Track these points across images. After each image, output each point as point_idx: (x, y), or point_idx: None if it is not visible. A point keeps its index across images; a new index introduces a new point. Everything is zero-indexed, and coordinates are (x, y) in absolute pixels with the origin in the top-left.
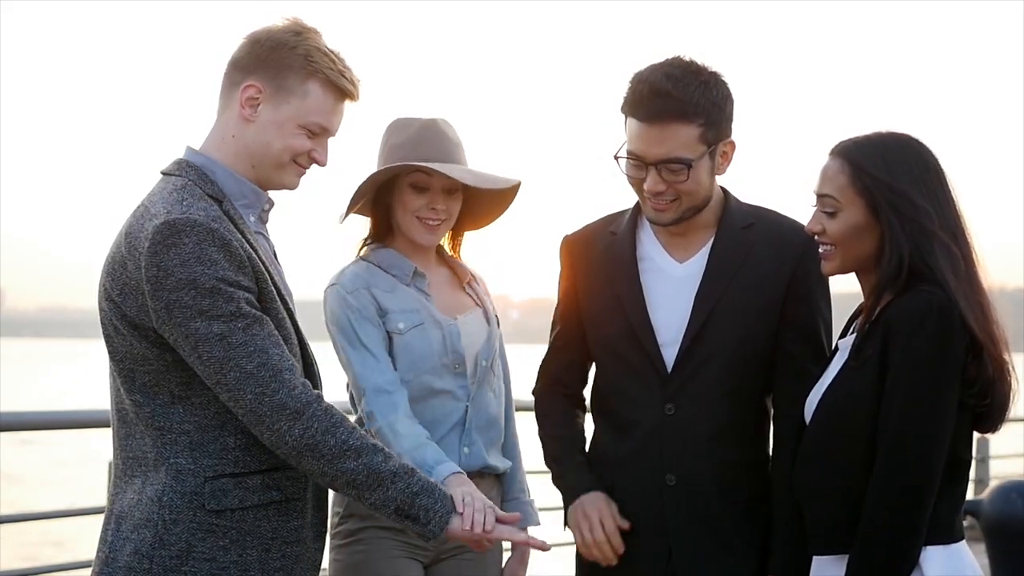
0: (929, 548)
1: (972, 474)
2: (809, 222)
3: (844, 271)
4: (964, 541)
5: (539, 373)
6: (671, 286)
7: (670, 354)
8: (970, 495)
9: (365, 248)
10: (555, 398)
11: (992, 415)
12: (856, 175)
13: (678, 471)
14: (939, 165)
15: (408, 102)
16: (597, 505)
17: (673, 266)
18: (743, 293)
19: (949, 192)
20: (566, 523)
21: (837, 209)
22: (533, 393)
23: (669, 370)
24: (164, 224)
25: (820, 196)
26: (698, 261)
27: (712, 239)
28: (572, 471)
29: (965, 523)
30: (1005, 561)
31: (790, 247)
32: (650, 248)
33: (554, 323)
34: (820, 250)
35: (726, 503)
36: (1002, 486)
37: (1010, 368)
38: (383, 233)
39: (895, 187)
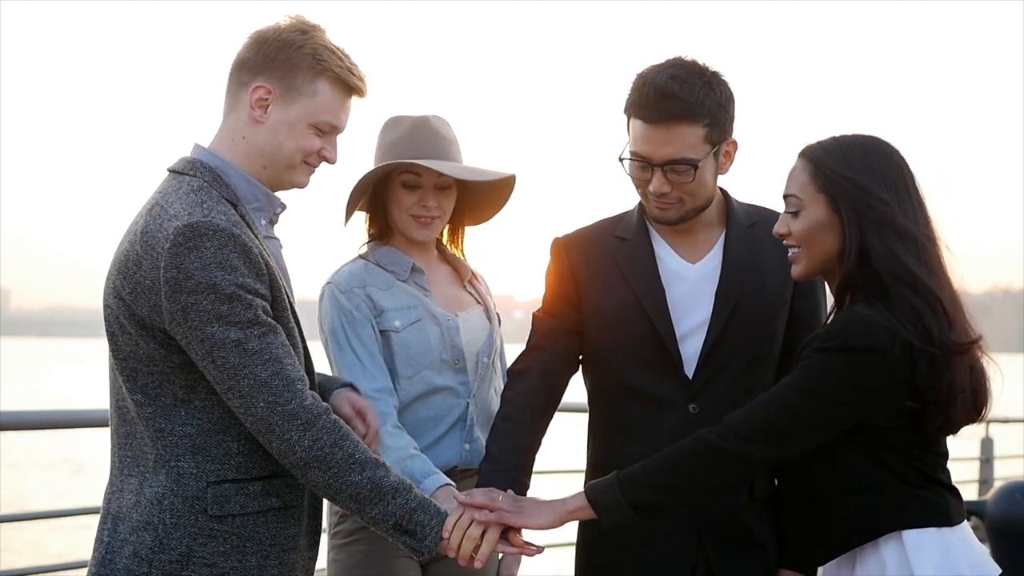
0: (914, 531)
1: (976, 475)
2: (776, 225)
3: (812, 273)
4: (963, 524)
5: (514, 371)
6: (687, 287)
7: (692, 355)
8: (974, 496)
9: (365, 246)
10: (524, 398)
11: (950, 414)
12: (816, 172)
13: None
14: (904, 163)
15: (415, 100)
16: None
17: (686, 267)
18: (758, 291)
19: (915, 190)
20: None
21: (800, 208)
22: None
23: (693, 370)
24: (186, 227)
25: (785, 197)
26: (711, 261)
27: (722, 238)
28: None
29: (969, 523)
30: (1009, 561)
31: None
32: (661, 251)
33: (536, 323)
34: (788, 254)
35: (749, 500)
36: (1006, 487)
37: (982, 365)
38: (382, 231)
39: (855, 181)
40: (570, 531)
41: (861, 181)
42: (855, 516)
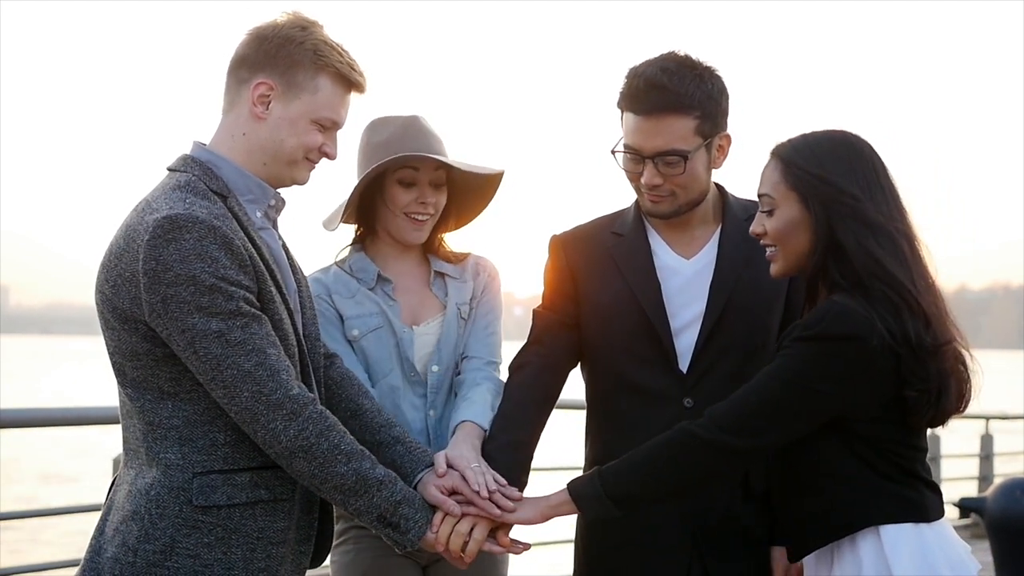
0: (892, 526)
1: (976, 471)
2: (752, 225)
3: (789, 271)
4: (942, 520)
5: (514, 365)
6: (682, 282)
7: (686, 349)
8: (974, 492)
9: (346, 250)
10: (523, 392)
11: (941, 404)
12: (787, 170)
13: None
14: (875, 157)
15: (406, 97)
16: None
17: (681, 263)
18: (752, 285)
19: (888, 183)
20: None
21: (773, 207)
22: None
23: (687, 364)
24: (165, 219)
25: (760, 196)
26: (706, 255)
27: (717, 233)
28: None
29: (969, 520)
30: (1009, 558)
31: None
32: (656, 246)
33: (536, 319)
34: (766, 253)
35: (744, 497)
36: (1006, 483)
37: (964, 357)
38: (363, 235)
39: (824, 177)
40: (569, 530)
41: (830, 178)
42: (832, 510)
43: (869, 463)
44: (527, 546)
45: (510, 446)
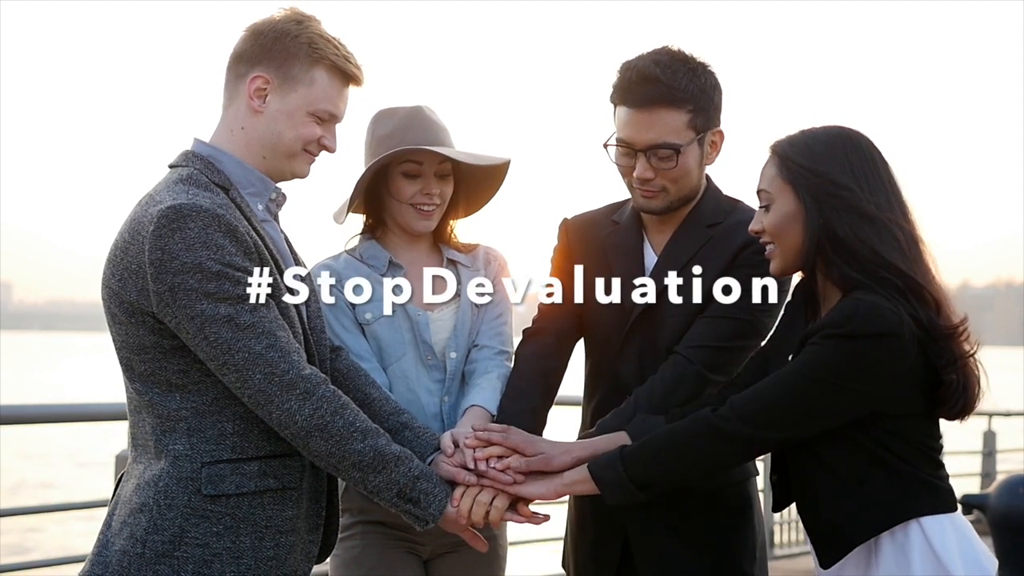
0: (931, 517)
1: (978, 468)
2: (751, 223)
3: (788, 269)
4: (960, 511)
5: (528, 332)
6: None
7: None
8: (977, 489)
9: (355, 238)
10: (537, 360)
11: (971, 392)
12: (782, 165)
13: None
14: (875, 152)
15: (412, 88)
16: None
17: (653, 263)
18: (680, 295)
19: (888, 177)
20: None
21: (770, 202)
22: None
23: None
24: (169, 208)
25: (758, 193)
26: None
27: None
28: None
29: (971, 517)
30: (1011, 554)
31: (733, 243)
32: (644, 242)
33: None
34: (766, 251)
35: (683, 496)
36: (1008, 480)
37: (974, 344)
38: (372, 226)
39: (815, 170)
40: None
41: (821, 169)
42: (871, 506)
43: (902, 457)
44: (546, 517)
45: (519, 414)
